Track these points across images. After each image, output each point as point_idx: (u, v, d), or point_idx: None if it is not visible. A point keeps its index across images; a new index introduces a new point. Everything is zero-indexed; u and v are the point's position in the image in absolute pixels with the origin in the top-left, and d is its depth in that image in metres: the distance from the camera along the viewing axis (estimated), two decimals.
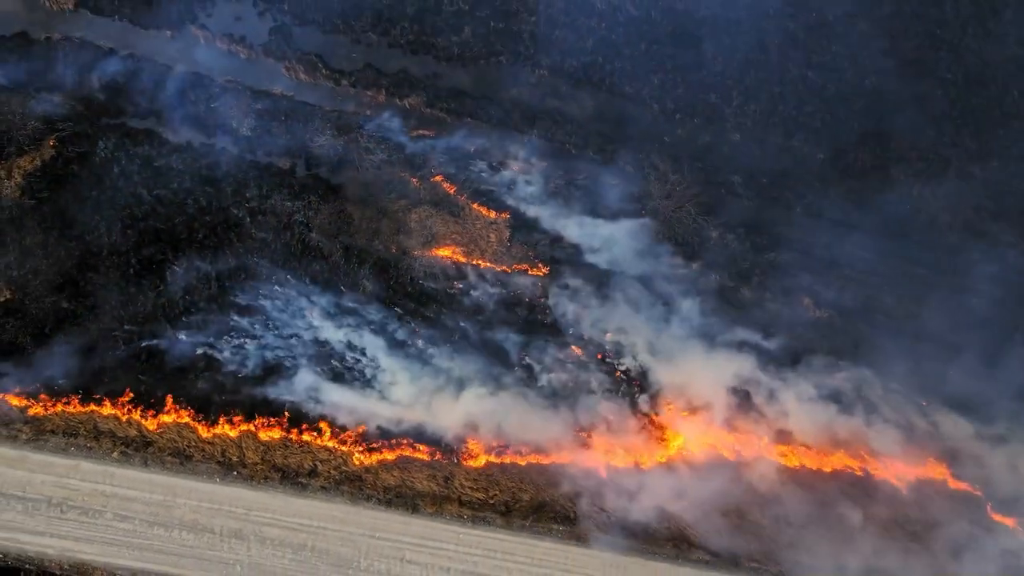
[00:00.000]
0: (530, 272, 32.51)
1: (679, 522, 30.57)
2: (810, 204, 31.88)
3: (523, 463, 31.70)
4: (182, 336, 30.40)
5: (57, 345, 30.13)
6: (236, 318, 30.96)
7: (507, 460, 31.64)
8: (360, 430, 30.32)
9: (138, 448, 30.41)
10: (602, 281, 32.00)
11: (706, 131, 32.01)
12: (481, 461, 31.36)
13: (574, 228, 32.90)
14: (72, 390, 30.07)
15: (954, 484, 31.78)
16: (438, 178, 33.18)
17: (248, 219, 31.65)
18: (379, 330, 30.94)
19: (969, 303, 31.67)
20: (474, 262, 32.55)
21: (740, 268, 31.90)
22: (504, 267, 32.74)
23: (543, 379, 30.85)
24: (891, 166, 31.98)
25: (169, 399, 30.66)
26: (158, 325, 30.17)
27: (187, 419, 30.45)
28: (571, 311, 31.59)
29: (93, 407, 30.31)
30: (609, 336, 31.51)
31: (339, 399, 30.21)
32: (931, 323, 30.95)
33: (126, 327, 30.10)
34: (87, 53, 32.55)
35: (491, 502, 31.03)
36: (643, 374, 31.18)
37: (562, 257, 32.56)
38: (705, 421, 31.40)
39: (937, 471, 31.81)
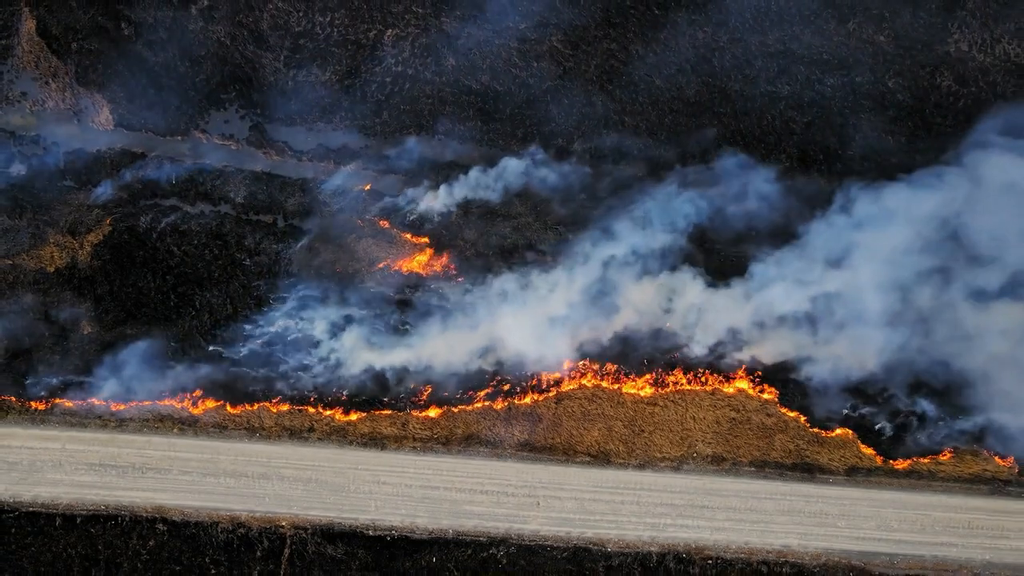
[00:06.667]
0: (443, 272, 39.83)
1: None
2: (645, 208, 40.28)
3: (456, 410, 39.15)
4: (211, 346, 38.43)
5: (125, 360, 38.10)
6: (248, 328, 38.63)
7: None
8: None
9: (189, 424, 37.81)
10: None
11: (558, 166, 40.56)
12: (430, 412, 38.47)
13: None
14: (141, 389, 37.67)
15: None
16: (376, 218, 40.57)
17: (248, 260, 39.44)
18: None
19: None
20: (407, 271, 40.33)
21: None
22: (428, 272, 40.32)
23: None
24: (688, 181, 40.66)
25: (199, 393, 38.16)
26: (194, 339, 38.54)
27: (219, 403, 37.86)
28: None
29: (156, 401, 37.82)
30: None
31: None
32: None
33: (171, 343, 38.18)
34: (126, 157, 39.64)
35: (435, 437, 38.51)
36: None
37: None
38: None
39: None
